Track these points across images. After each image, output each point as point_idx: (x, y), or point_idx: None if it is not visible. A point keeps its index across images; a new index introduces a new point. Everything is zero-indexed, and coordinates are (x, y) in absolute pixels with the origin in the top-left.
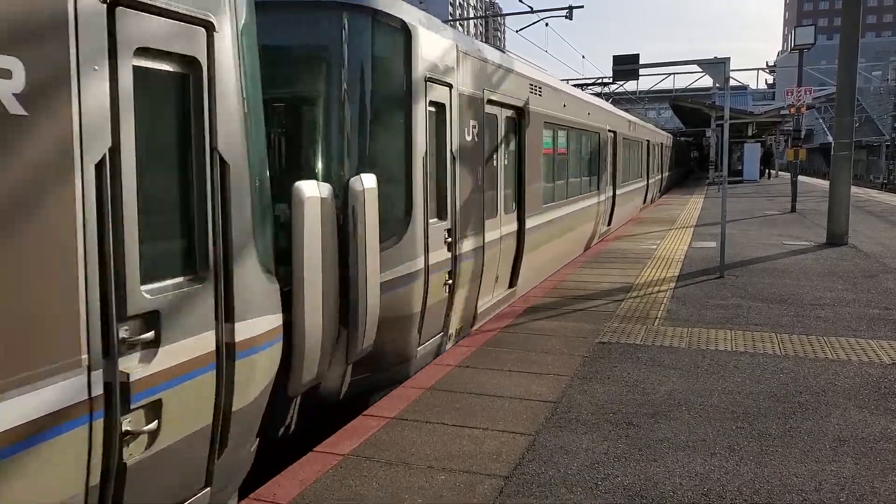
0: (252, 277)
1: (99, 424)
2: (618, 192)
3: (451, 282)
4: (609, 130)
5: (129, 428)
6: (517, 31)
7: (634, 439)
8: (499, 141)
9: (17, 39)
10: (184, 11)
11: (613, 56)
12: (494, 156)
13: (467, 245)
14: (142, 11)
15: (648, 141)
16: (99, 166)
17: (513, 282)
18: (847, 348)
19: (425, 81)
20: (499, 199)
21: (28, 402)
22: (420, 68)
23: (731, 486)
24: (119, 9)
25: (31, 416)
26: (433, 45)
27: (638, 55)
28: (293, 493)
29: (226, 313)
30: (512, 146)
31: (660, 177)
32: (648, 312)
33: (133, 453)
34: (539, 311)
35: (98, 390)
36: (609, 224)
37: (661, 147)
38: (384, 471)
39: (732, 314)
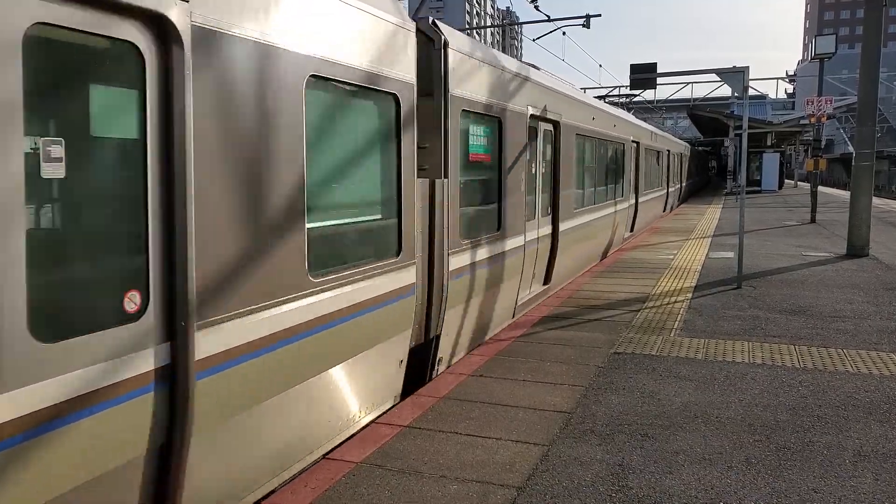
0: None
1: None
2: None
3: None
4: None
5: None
6: (534, 40)
7: (649, 451)
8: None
9: None
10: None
11: (631, 65)
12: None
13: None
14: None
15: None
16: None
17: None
18: (868, 362)
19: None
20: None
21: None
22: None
23: (748, 500)
24: None
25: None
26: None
27: (655, 64)
28: (306, 500)
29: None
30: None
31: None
32: (665, 323)
33: None
34: (554, 321)
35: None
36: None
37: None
38: (396, 479)
39: (750, 326)
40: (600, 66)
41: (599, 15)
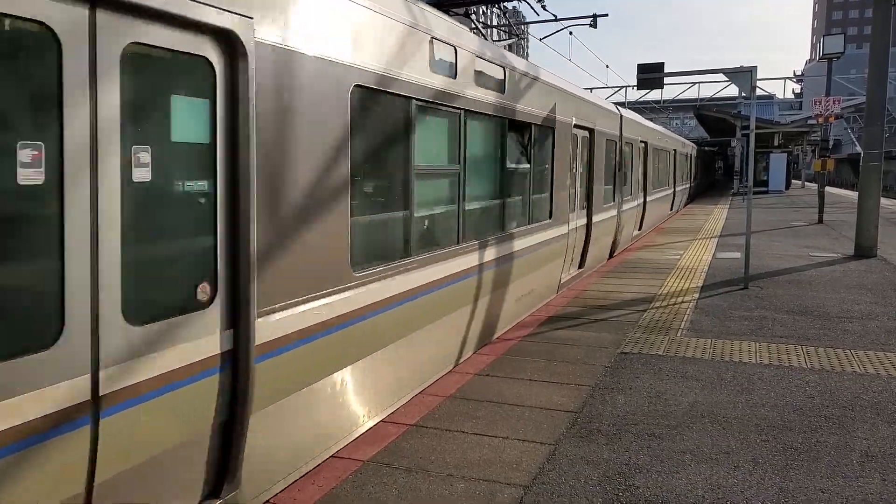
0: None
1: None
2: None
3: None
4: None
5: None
6: (541, 40)
7: (656, 451)
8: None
9: None
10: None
11: (638, 65)
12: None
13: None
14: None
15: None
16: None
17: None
18: (875, 362)
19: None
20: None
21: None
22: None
23: (754, 500)
24: None
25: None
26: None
27: (663, 64)
28: (312, 498)
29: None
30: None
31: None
32: (671, 323)
33: None
34: (560, 321)
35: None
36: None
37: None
38: (404, 478)
39: (757, 326)
40: (607, 66)
41: (606, 15)
